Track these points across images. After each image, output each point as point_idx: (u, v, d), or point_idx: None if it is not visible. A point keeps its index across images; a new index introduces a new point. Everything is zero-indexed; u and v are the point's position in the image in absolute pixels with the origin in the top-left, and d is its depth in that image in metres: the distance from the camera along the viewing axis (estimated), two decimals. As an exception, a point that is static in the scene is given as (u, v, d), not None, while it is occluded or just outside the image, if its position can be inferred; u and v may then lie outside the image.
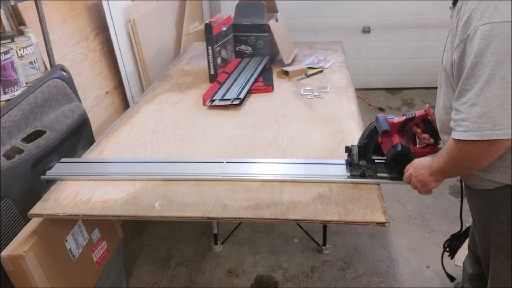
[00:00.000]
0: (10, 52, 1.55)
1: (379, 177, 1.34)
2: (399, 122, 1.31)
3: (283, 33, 2.46)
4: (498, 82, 0.86)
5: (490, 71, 0.87)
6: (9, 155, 1.45)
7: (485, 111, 0.88)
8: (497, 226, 1.13)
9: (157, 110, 1.97)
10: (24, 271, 1.27)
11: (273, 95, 2.09)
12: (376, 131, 1.33)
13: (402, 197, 2.53)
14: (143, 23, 2.64)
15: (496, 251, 1.18)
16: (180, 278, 2.07)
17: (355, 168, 1.38)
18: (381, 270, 2.04)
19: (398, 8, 3.74)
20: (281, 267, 2.09)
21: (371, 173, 1.35)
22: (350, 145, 1.41)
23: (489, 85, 0.87)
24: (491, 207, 1.14)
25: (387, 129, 1.28)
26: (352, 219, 1.18)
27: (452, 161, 1.03)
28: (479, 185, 1.14)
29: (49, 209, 1.30)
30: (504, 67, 0.85)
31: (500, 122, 0.87)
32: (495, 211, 1.13)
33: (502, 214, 1.11)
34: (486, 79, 0.87)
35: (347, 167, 1.39)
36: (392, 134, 1.32)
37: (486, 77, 0.87)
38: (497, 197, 1.11)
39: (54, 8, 2.06)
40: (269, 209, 1.23)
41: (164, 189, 1.36)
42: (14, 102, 1.52)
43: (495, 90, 0.86)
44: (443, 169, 1.07)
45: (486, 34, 0.87)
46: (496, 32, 0.86)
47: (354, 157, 1.38)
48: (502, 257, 1.17)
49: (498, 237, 1.15)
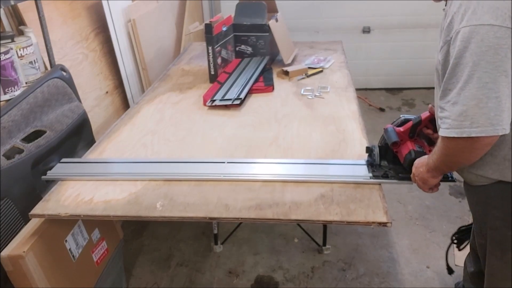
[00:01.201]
0: (10, 52, 1.54)
1: (401, 177, 1.34)
2: (407, 129, 1.33)
3: (283, 33, 2.46)
4: (475, 82, 0.91)
5: (468, 71, 0.91)
6: (9, 155, 1.44)
7: (464, 110, 0.92)
8: (492, 221, 1.15)
9: (157, 110, 1.97)
10: (24, 271, 1.26)
11: (274, 95, 2.09)
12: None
13: (403, 197, 2.53)
14: (143, 23, 2.64)
15: (492, 246, 1.19)
16: (180, 278, 2.07)
17: (377, 168, 1.37)
18: (382, 271, 2.04)
19: (398, 8, 3.74)
20: (281, 267, 2.09)
21: (393, 174, 1.35)
22: (371, 145, 1.41)
23: (468, 85, 0.92)
24: (486, 203, 1.15)
25: (397, 140, 1.31)
26: (354, 220, 1.18)
27: (442, 157, 1.07)
28: (474, 181, 1.16)
29: (50, 209, 1.29)
30: (480, 68, 0.90)
31: (477, 120, 0.91)
32: (490, 207, 1.14)
33: (496, 209, 1.12)
34: (465, 79, 0.92)
35: (368, 168, 1.38)
36: (404, 142, 1.33)
37: (465, 78, 0.92)
38: (491, 193, 1.12)
39: (54, 8, 2.06)
40: (271, 209, 1.23)
41: (166, 189, 1.35)
42: (14, 102, 1.52)
43: (472, 90, 0.91)
44: (437, 165, 1.11)
45: (465, 36, 0.91)
46: (473, 35, 0.90)
47: (375, 158, 1.38)
48: (497, 252, 1.17)
49: (494, 232, 1.16)
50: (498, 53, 0.89)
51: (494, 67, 0.89)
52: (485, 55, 0.89)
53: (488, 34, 0.89)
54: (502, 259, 1.16)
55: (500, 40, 0.88)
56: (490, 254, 1.20)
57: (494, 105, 0.90)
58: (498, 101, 0.90)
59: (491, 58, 0.89)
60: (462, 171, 1.18)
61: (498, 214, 1.13)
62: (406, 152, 1.30)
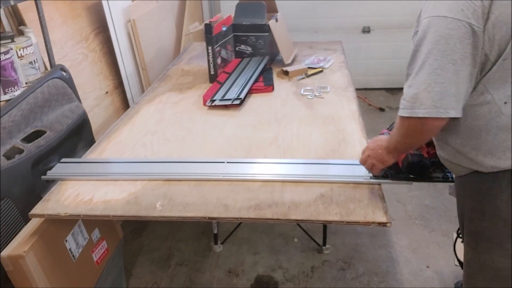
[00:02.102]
0: (10, 52, 1.55)
1: (401, 178, 1.34)
2: None
3: (283, 33, 2.46)
4: (426, 68, 0.99)
5: (423, 58, 1.00)
6: (9, 155, 1.45)
7: (416, 93, 1.01)
8: (468, 213, 1.18)
9: (157, 110, 1.97)
10: (24, 271, 1.27)
11: (273, 95, 2.09)
12: None
13: (402, 197, 2.54)
14: (143, 23, 2.64)
15: (467, 237, 1.21)
16: (180, 278, 2.07)
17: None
18: (381, 270, 2.04)
19: (398, 8, 3.74)
20: (281, 267, 2.09)
21: (393, 174, 1.35)
22: None
23: (421, 70, 1.00)
24: (463, 194, 1.20)
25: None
26: (354, 219, 1.18)
27: (399, 138, 1.14)
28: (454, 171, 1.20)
29: (50, 209, 1.30)
30: (432, 56, 0.98)
31: (424, 102, 1.00)
32: (467, 198, 1.18)
33: (471, 200, 1.15)
34: (420, 65, 1.01)
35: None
36: None
37: (420, 64, 1.01)
38: (466, 184, 1.16)
39: (54, 8, 2.06)
40: (270, 209, 1.23)
41: (165, 189, 1.36)
42: (14, 102, 1.52)
43: (424, 75, 1.00)
44: (395, 146, 1.18)
45: (424, 26, 1.01)
46: (431, 25, 0.99)
47: None
48: (472, 243, 1.19)
49: (469, 223, 1.18)
50: (448, 42, 0.97)
51: (443, 55, 0.97)
52: (437, 44, 0.98)
53: (442, 25, 0.97)
54: (476, 250, 1.18)
55: (451, 31, 0.96)
56: (466, 245, 1.23)
57: (439, 89, 0.98)
58: (444, 86, 0.98)
59: (442, 47, 0.97)
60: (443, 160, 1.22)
61: (472, 205, 1.15)
62: (403, 156, 1.31)
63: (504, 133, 1.03)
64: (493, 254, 1.13)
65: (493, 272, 1.15)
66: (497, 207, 1.08)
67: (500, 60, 0.99)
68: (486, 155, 1.06)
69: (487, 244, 1.14)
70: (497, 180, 1.07)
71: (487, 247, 1.14)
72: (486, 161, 1.06)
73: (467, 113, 1.05)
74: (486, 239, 1.14)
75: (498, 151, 1.04)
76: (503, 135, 1.03)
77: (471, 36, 0.96)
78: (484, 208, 1.12)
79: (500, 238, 1.10)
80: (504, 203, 1.06)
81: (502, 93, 1.01)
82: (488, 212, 1.11)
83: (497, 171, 1.06)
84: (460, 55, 0.97)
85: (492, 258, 1.13)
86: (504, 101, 1.01)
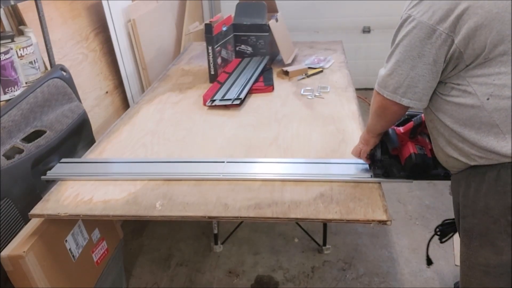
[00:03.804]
0: (10, 52, 1.55)
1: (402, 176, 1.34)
2: (407, 130, 1.33)
3: (283, 33, 2.46)
4: (393, 57, 1.11)
5: (393, 47, 1.12)
6: (9, 155, 1.45)
7: (384, 75, 1.14)
8: (462, 210, 1.18)
9: (157, 110, 1.97)
10: (24, 271, 1.27)
11: (274, 95, 2.09)
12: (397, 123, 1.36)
13: (403, 197, 2.53)
14: (143, 23, 2.64)
15: (462, 234, 1.21)
16: (180, 278, 2.07)
17: (378, 165, 1.36)
18: (382, 270, 2.04)
19: (398, 8, 3.67)
20: (281, 267, 2.09)
21: (394, 172, 1.35)
22: None
23: (390, 57, 1.12)
24: (457, 192, 1.21)
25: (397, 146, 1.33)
26: (354, 218, 1.18)
27: (372, 114, 1.24)
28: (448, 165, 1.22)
29: (50, 209, 1.29)
30: (398, 48, 1.10)
31: (388, 86, 1.13)
32: (459, 195, 1.19)
33: (463, 197, 1.16)
34: (391, 52, 1.13)
35: (369, 166, 1.39)
36: (404, 143, 1.33)
37: (391, 51, 1.13)
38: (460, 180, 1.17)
39: (54, 8, 2.06)
40: (270, 208, 1.23)
41: (165, 189, 1.35)
42: (14, 102, 1.52)
43: (391, 62, 1.12)
44: (370, 123, 1.28)
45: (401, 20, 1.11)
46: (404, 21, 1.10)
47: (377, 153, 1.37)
48: (466, 240, 1.19)
49: (463, 221, 1.18)
50: (410, 40, 1.07)
51: (405, 50, 1.08)
52: (403, 39, 1.09)
53: (409, 23, 1.07)
54: (469, 247, 1.18)
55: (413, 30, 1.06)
56: (461, 242, 1.23)
57: (398, 79, 1.10)
58: (401, 77, 1.10)
59: (405, 42, 1.08)
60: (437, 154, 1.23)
61: (465, 202, 1.16)
62: (406, 155, 1.30)
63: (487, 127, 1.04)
64: (485, 251, 1.13)
65: (485, 269, 1.15)
66: (486, 203, 1.09)
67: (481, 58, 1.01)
68: (472, 146, 1.08)
69: (478, 242, 1.15)
70: (485, 177, 1.08)
71: (479, 245, 1.15)
72: (473, 152, 1.08)
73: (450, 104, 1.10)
74: (477, 236, 1.14)
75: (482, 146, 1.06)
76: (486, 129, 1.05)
77: (431, 36, 1.03)
78: (474, 205, 1.12)
79: (491, 235, 1.11)
80: (492, 200, 1.07)
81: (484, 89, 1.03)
82: (478, 209, 1.11)
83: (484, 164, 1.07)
84: (418, 53, 1.06)
85: (484, 255, 1.14)
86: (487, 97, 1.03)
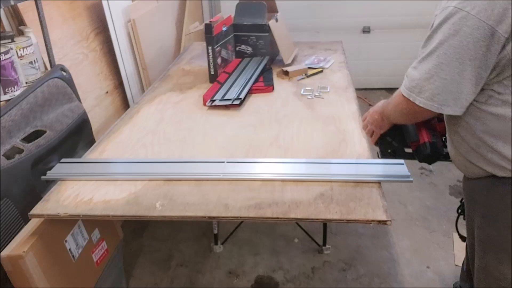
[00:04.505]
0: (10, 52, 1.54)
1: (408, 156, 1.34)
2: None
3: (283, 33, 2.46)
4: (434, 58, 0.98)
5: (433, 46, 0.98)
6: (9, 155, 1.44)
7: (418, 78, 1.01)
8: (479, 220, 1.14)
9: (157, 110, 1.97)
10: (23, 271, 1.26)
11: (274, 95, 2.09)
12: None
13: (403, 198, 2.53)
14: (143, 23, 2.64)
15: (477, 245, 1.18)
16: (180, 279, 2.06)
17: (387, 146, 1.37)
18: (382, 271, 2.03)
19: (398, 8, 3.74)
20: (281, 267, 2.09)
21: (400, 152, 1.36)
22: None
23: (428, 58, 0.99)
24: (474, 200, 1.15)
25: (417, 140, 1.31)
26: (354, 218, 1.18)
27: (393, 110, 1.19)
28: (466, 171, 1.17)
29: (49, 210, 1.29)
30: (442, 48, 0.96)
31: (423, 92, 1.00)
32: (477, 204, 1.14)
33: (482, 207, 1.12)
34: (429, 52, 0.99)
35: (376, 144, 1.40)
36: (418, 129, 1.31)
37: (429, 50, 0.99)
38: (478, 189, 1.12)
39: (54, 8, 2.06)
40: (270, 208, 1.23)
41: (166, 189, 1.35)
42: (14, 102, 1.52)
43: (429, 64, 0.99)
44: (389, 114, 1.23)
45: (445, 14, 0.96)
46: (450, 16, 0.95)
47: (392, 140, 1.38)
48: (481, 251, 1.16)
49: (479, 231, 1.14)
50: (462, 40, 0.93)
51: (453, 51, 0.94)
52: (450, 37, 0.94)
53: (461, 20, 0.92)
54: (484, 258, 1.15)
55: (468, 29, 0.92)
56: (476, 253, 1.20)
57: (440, 84, 0.97)
58: (445, 83, 0.96)
59: (454, 42, 0.94)
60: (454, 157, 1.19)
61: (484, 212, 1.11)
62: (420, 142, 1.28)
63: None
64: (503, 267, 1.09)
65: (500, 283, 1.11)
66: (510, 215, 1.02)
67: None
68: (502, 158, 1.00)
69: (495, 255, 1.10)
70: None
71: (495, 258, 1.10)
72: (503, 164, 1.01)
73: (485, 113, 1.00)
74: (495, 249, 1.09)
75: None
76: None
77: (489, 38, 0.90)
78: (496, 216, 1.06)
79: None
80: None
81: None
82: (500, 221, 1.05)
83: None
84: (470, 56, 0.92)
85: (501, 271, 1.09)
86: None
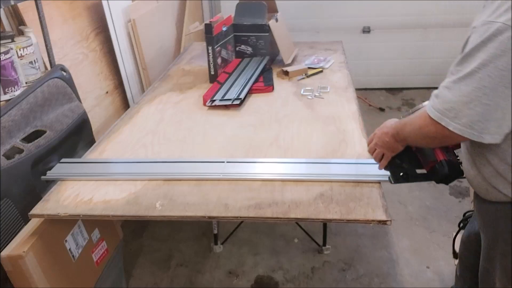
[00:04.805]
0: (10, 52, 1.54)
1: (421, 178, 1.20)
2: None
3: (284, 33, 2.46)
4: (475, 80, 0.86)
5: (474, 67, 0.86)
6: (9, 155, 1.44)
7: (454, 101, 0.89)
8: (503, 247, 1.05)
9: (157, 110, 1.97)
10: (23, 271, 1.26)
11: (274, 95, 2.09)
12: None
13: (403, 198, 2.53)
14: (143, 23, 2.64)
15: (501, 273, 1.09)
16: (180, 278, 2.06)
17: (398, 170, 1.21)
18: (382, 271, 2.04)
19: (398, 8, 3.74)
20: (281, 267, 2.09)
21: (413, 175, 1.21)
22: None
23: (468, 79, 0.87)
24: (498, 224, 1.04)
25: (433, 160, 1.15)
26: (354, 218, 1.18)
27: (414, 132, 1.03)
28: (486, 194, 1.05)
29: (49, 210, 1.29)
30: (486, 69, 0.84)
31: (460, 117, 0.88)
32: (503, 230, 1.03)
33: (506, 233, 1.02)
34: (468, 72, 0.87)
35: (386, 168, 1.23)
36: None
37: (469, 70, 0.87)
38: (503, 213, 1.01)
39: (54, 8, 2.06)
40: (270, 208, 1.23)
41: (165, 189, 1.35)
42: (14, 102, 1.52)
43: (469, 87, 0.87)
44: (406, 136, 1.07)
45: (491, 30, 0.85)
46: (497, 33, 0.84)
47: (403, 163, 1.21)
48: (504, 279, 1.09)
49: (503, 258, 1.06)
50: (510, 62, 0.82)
51: (499, 75, 0.83)
52: (496, 58, 0.83)
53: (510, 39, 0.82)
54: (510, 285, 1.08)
55: None
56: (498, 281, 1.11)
57: (482, 110, 0.86)
58: (488, 109, 0.86)
59: (501, 64, 0.83)
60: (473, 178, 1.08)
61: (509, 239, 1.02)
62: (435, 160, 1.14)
63: None
64: None
65: None
66: None
67: None
68: None
69: None
70: None
71: None
72: None
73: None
74: None
75: None
76: None
77: None
78: None
79: None
80: None
81: None
82: None
83: None
84: None
85: None
86: None
